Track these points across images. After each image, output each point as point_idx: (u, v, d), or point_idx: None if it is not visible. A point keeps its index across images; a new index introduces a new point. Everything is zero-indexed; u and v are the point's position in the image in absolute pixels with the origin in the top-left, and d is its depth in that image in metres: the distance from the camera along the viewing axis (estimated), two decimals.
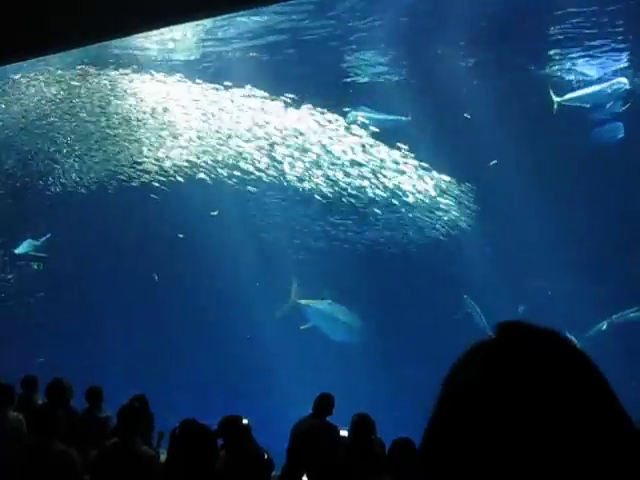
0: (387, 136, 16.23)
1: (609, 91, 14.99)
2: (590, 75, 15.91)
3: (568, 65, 16.07)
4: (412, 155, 16.11)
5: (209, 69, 17.48)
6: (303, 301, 16.45)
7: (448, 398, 1.00)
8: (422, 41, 16.12)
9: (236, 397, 13.68)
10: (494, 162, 15.87)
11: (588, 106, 15.18)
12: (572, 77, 16.12)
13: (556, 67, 16.28)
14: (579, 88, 15.80)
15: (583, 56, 15.78)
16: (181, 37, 16.61)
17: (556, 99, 15.21)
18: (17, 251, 18.27)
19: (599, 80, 15.75)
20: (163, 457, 6.76)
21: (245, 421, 6.50)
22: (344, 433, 7.14)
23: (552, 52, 15.93)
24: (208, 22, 15.16)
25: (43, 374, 8.84)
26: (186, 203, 17.35)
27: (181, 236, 17.69)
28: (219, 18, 14.69)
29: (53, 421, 6.04)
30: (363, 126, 16.24)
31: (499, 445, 0.92)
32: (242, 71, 16.89)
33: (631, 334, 14.42)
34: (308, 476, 7.22)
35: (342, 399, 7.82)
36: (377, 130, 16.19)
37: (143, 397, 7.69)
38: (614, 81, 15.08)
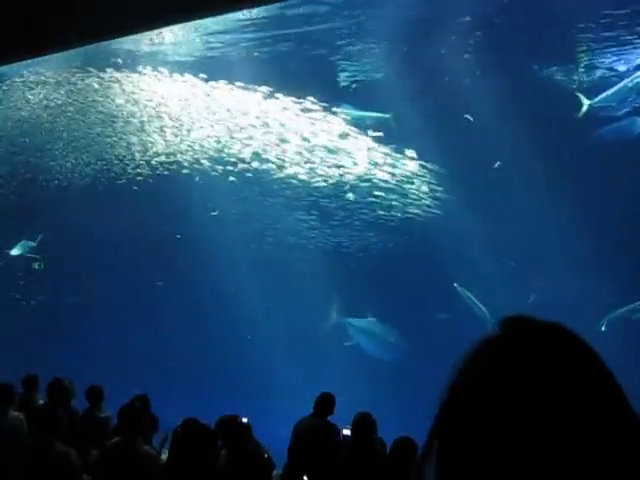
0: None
1: (630, 85, 14.94)
2: (618, 70, 15.78)
3: (583, 64, 16.01)
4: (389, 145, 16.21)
5: (200, 64, 17.52)
6: (347, 319, 16.39)
7: (454, 393, 1.00)
8: (422, 38, 16.11)
9: (236, 397, 13.70)
10: (498, 164, 15.88)
11: (614, 104, 15.13)
12: (575, 77, 16.11)
13: (565, 67, 16.28)
14: (581, 88, 15.81)
15: (599, 50, 15.69)
16: (173, 33, 16.65)
17: (586, 102, 15.14)
18: (12, 252, 18.12)
19: (603, 78, 15.74)
20: (164, 457, 6.77)
21: (244, 420, 6.50)
22: (347, 432, 7.14)
23: (577, 49, 15.80)
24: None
25: (44, 373, 8.83)
26: (180, 199, 17.47)
27: (179, 236, 17.75)
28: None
29: (54, 421, 6.04)
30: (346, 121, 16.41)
31: (505, 440, 0.92)
32: (233, 66, 17.01)
33: (633, 329, 14.46)
34: (309, 476, 7.22)
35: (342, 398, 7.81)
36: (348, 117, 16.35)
37: (145, 397, 7.68)
38: (636, 74, 14.99)
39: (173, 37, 16.79)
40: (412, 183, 16.37)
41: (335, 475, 6.94)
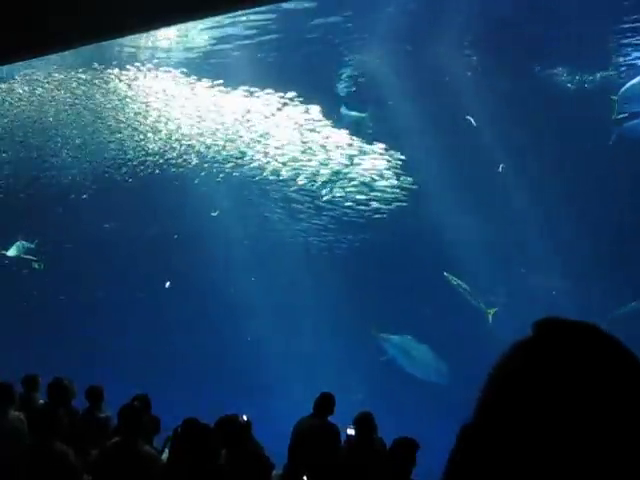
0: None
1: None
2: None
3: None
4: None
5: (196, 63, 17.57)
6: (383, 334, 16.36)
7: (490, 394, 1.01)
8: (423, 37, 16.09)
9: (237, 397, 13.71)
10: (502, 166, 15.90)
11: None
12: (577, 77, 16.11)
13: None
14: (583, 88, 15.83)
15: (603, 50, 15.63)
16: (170, 32, 16.70)
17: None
18: (9, 253, 17.94)
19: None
20: (164, 456, 6.76)
21: (245, 417, 6.48)
22: (351, 432, 7.12)
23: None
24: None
25: (44, 373, 8.82)
26: (177, 199, 17.53)
27: (176, 236, 17.80)
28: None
29: (54, 421, 6.03)
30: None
31: (537, 441, 0.92)
32: (228, 64, 17.08)
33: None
34: (308, 476, 7.21)
35: (341, 399, 7.81)
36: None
37: (145, 397, 7.66)
38: None
39: (165, 36, 16.82)
40: (382, 177, 16.42)
41: (335, 475, 6.95)
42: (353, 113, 16.99)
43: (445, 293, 15.91)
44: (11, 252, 17.92)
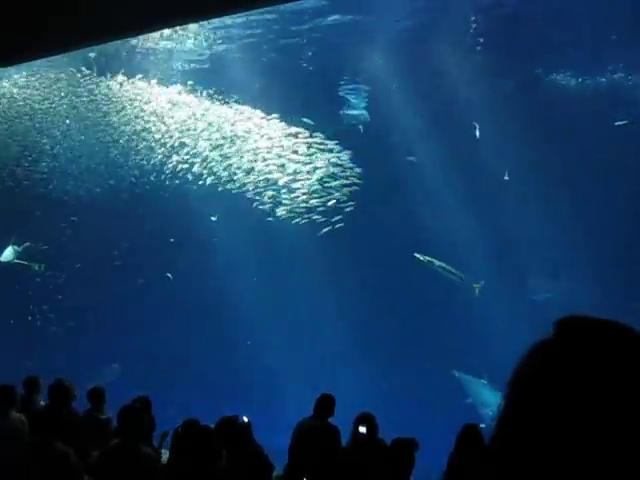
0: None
1: None
2: None
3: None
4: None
5: (192, 71, 17.63)
6: (462, 374, 16.29)
7: (513, 399, 1.00)
8: (429, 40, 16.09)
9: (237, 397, 13.73)
10: (506, 175, 15.92)
11: None
12: (579, 80, 16.12)
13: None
14: (587, 91, 15.84)
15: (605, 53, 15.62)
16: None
17: None
18: (2, 259, 17.55)
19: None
20: (165, 457, 6.76)
21: (245, 419, 6.49)
22: (363, 430, 7.11)
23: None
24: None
25: (46, 374, 8.82)
26: (175, 205, 17.59)
27: (172, 240, 17.83)
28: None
29: (55, 422, 6.04)
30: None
31: (570, 448, 0.91)
32: (223, 71, 17.16)
33: None
34: (308, 477, 7.21)
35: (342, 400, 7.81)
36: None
37: (146, 398, 7.68)
38: None
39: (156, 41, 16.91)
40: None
41: (336, 476, 6.95)
42: (353, 112, 17.04)
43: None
44: (4, 257, 17.69)
